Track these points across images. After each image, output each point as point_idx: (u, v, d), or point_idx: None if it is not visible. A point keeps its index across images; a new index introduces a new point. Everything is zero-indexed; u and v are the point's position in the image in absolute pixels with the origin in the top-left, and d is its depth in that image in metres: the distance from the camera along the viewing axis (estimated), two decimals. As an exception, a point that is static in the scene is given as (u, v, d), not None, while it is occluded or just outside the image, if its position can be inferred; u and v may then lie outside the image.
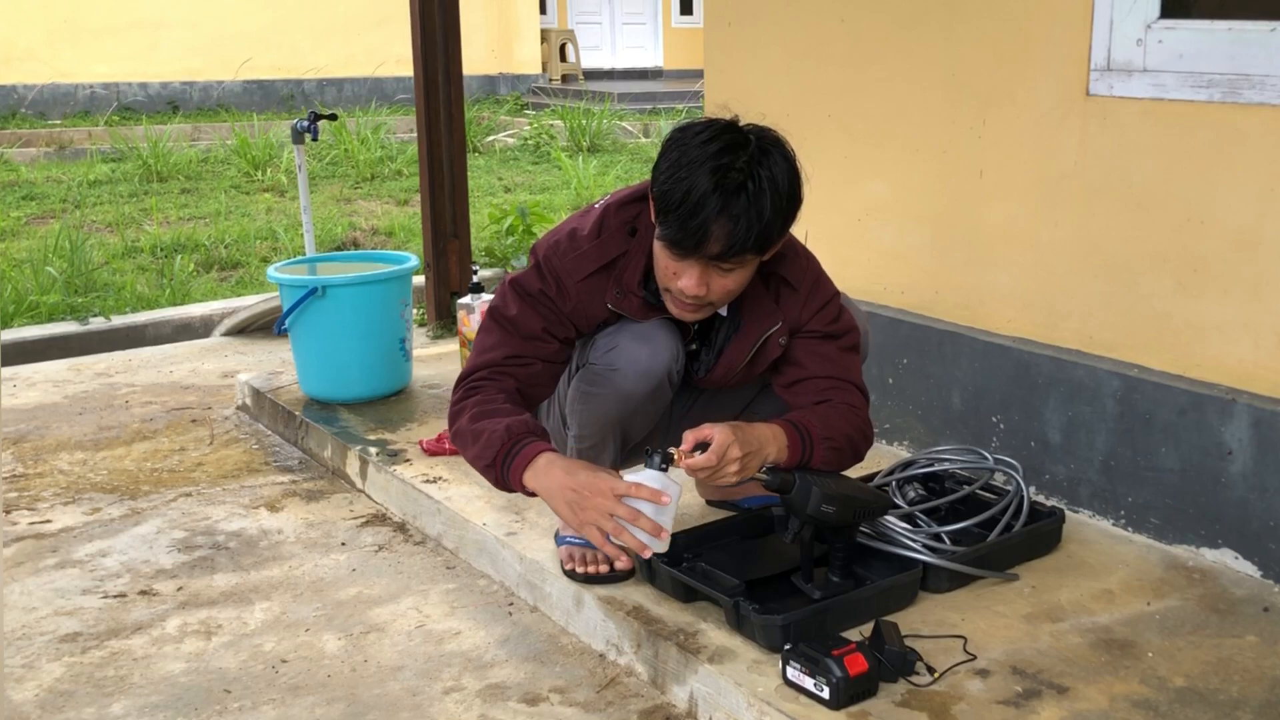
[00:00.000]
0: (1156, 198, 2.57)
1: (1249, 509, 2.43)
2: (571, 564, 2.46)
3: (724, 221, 2.01)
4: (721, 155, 2.02)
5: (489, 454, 2.17)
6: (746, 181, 2.02)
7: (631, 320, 2.27)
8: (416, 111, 4.53)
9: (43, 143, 11.45)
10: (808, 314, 2.32)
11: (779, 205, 2.05)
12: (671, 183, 2.04)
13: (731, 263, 2.08)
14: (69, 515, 3.12)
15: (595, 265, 2.24)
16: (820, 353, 2.33)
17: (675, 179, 2.03)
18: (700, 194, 2.00)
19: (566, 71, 17.02)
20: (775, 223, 2.06)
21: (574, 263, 2.25)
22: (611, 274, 2.25)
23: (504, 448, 2.16)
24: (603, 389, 2.28)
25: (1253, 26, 2.39)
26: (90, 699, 2.27)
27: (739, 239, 2.03)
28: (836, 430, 2.26)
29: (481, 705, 2.23)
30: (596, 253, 2.25)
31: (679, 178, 2.03)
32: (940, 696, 2.02)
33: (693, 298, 2.13)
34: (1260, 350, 2.44)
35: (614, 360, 2.25)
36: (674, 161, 2.05)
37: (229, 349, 4.77)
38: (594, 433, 2.35)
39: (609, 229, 2.26)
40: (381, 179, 9.73)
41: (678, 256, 2.09)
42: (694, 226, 2.02)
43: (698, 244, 2.04)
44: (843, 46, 3.25)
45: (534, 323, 2.27)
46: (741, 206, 2.01)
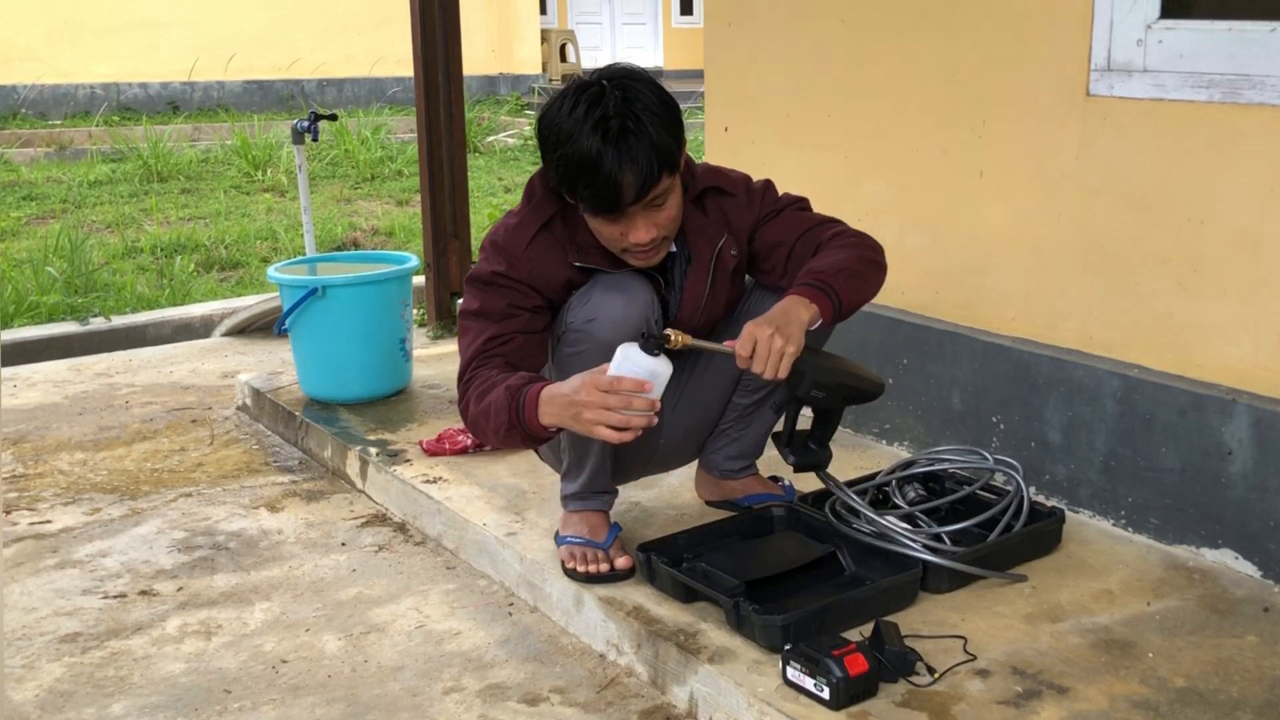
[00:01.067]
0: (1157, 198, 2.57)
1: (1249, 509, 2.43)
2: (572, 563, 2.46)
3: (627, 168, 2.09)
4: (589, 113, 2.10)
5: (503, 419, 2.17)
6: (626, 121, 2.10)
7: (600, 279, 2.30)
8: (417, 112, 4.53)
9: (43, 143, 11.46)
10: (756, 209, 2.40)
11: (664, 123, 2.13)
12: (564, 163, 2.12)
13: (658, 195, 2.16)
14: (69, 515, 3.12)
15: (534, 228, 2.30)
16: (783, 223, 2.40)
17: (565, 157, 2.12)
18: (593, 156, 2.08)
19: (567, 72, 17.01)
20: (668, 139, 2.14)
21: (514, 233, 2.31)
22: (555, 235, 2.29)
23: (511, 406, 2.16)
24: (583, 345, 2.27)
25: (1253, 26, 2.39)
26: (90, 699, 2.27)
27: (646, 174, 2.11)
28: (843, 260, 2.27)
29: (481, 705, 2.23)
30: (531, 217, 2.30)
31: (567, 154, 2.11)
32: (940, 697, 2.02)
33: (649, 244, 2.21)
34: (1260, 350, 2.44)
35: (590, 312, 2.27)
36: (555, 143, 2.13)
37: (229, 349, 4.77)
38: None
39: (537, 195, 2.33)
40: (381, 179, 9.73)
41: (611, 219, 2.17)
42: (603, 187, 2.10)
43: (617, 199, 2.12)
44: (843, 46, 3.25)
45: (498, 303, 2.31)
46: (634, 144, 2.09)
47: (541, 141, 2.18)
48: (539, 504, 2.84)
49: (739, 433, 2.65)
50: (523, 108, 14.81)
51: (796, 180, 3.37)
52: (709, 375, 2.54)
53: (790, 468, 2.37)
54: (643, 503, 2.82)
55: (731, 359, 2.20)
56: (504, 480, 3.01)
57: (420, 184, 4.65)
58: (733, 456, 2.68)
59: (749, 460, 2.71)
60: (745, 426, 2.64)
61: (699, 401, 2.57)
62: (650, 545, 2.43)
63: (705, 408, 2.60)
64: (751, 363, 2.13)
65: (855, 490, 2.55)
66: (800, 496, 2.68)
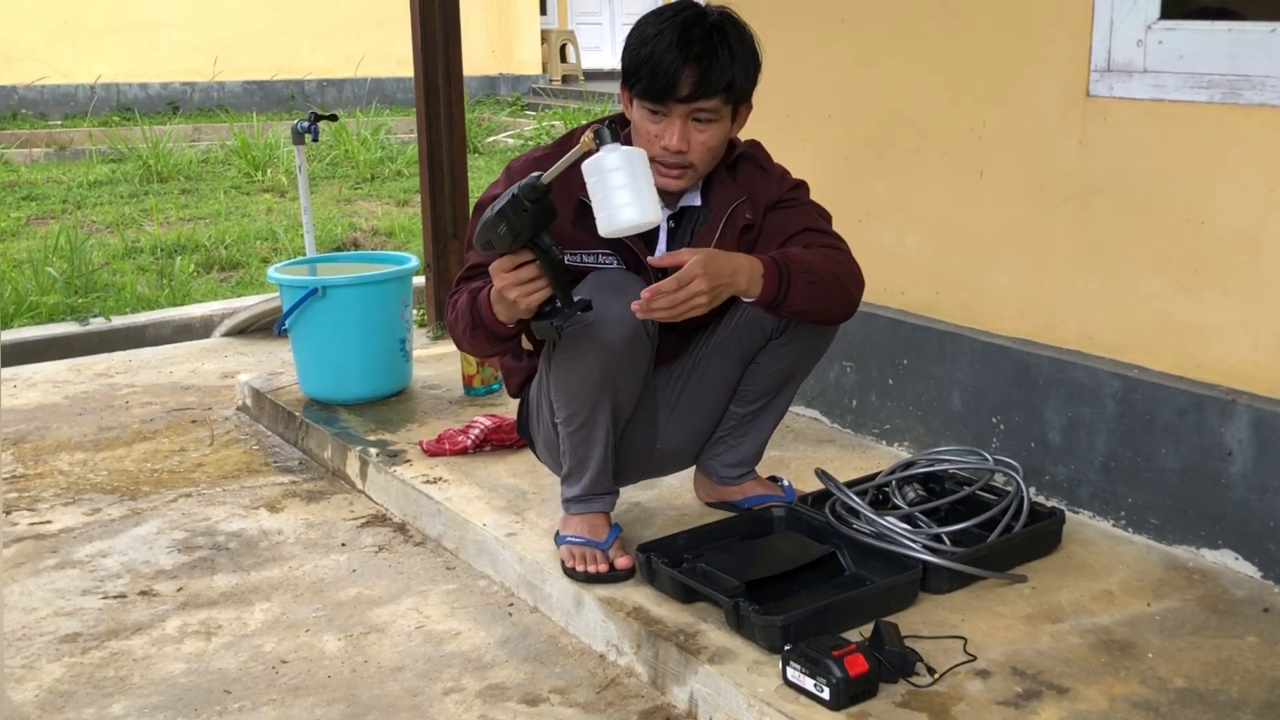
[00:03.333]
0: (1157, 198, 2.57)
1: (1249, 510, 2.43)
2: (572, 563, 2.46)
3: (691, 64, 2.20)
4: (683, 12, 2.25)
5: (467, 320, 2.30)
6: (711, 33, 2.22)
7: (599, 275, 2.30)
8: (417, 112, 4.53)
9: (43, 143, 11.45)
10: (781, 190, 2.46)
11: (742, 55, 2.26)
12: (639, 44, 2.24)
13: (706, 109, 2.24)
14: (69, 516, 3.12)
15: (546, 152, 2.34)
16: (798, 214, 2.45)
17: (642, 41, 2.24)
18: (667, 43, 2.20)
19: (567, 72, 17.02)
20: (738, 70, 2.25)
21: (527, 161, 2.36)
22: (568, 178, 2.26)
23: (472, 308, 2.28)
24: (581, 348, 2.27)
25: (1253, 27, 2.39)
26: (90, 699, 2.27)
27: (706, 78, 2.20)
28: (818, 267, 2.32)
29: (481, 706, 2.23)
30: (552, 150, 2.35)
31: (645, 39, 2.23)
32: (940, 697, 2.02)
33: (676, 153, 2.25)
34: (1260, 351, 2.44)
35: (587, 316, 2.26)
36: (640, 32, 2.26)
37: (229, 349, 4.77)
38: (582, 404, 2.34)
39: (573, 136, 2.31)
40: (382, 179, 9.73)
41: (654, 109, 2.25)
42: (664, 69, 2.19)
43: (669, 85, 2.20)
44: (843, 47, 3.25)
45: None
46: (707, 50, 2.21)
47: (628, 38, 2.28)
48: (539, 504, 2.84)
49: (736, 440, 2.65)
50: (523, 108, 14.81)
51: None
52: (707, 382, 2.54)
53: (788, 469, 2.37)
54: (643, 503, 2.82)
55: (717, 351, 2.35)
56: (504, 480, 3.01)
57: (420, 184, 4.65)
58: (730, 464, 2.68)
59: (748, 467, 2.71)
60: (743, 435, 2.64)
61: (696, 408, 2.57)
62: (650, 546, 2.43)
63: (702, 415, 2.59)
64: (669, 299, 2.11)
65: (855, 491, 2.55)
66: (800, 497, 2.68)
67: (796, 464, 2.99)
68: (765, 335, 2.48)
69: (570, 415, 2.37)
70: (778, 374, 2.54)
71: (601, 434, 2.39)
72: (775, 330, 2.46)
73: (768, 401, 2.58)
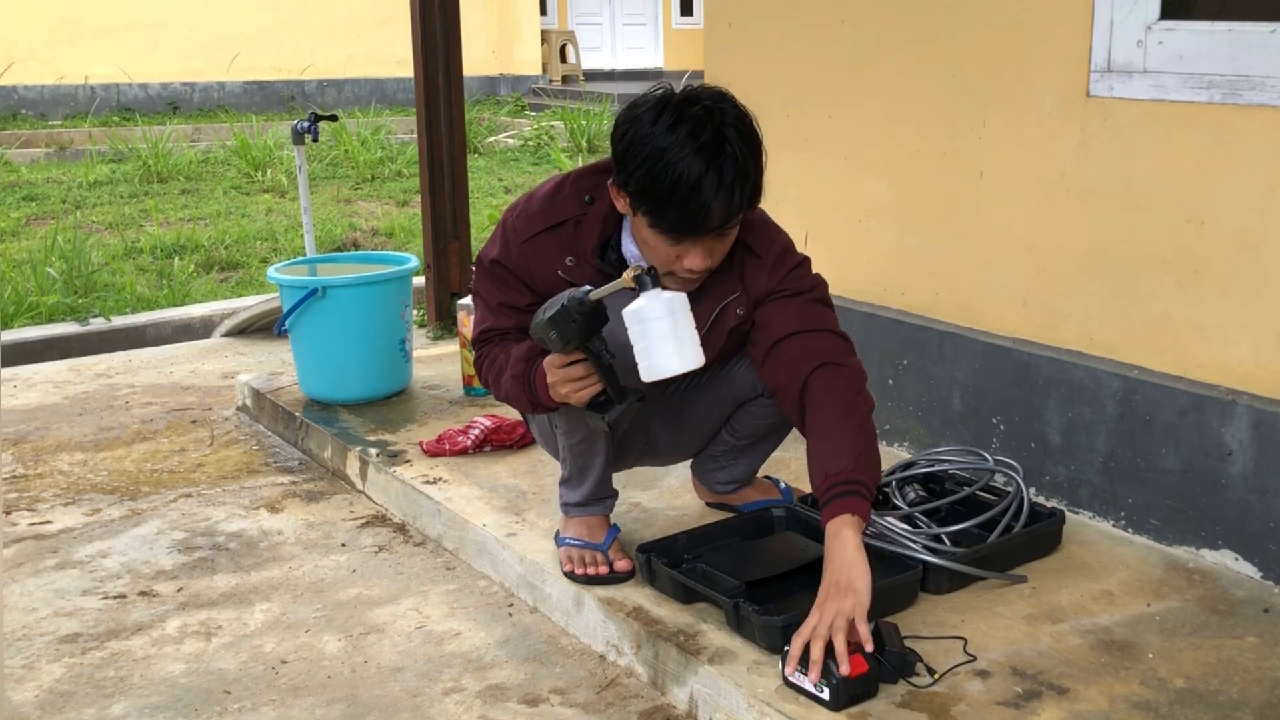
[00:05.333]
0: (1157, 199, 2.57)
1: (1249, 510, 2.43)
2: (571, 565, 2.46)
3: (722, 195, 2.04)
4: (693, 134, 2.03)
5: (524, 404, 2.31)
6: (725, 146, 2.04)
7: None
8: (417, 112, 4.53)
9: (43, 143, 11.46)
10: (774, 280, 2.30)
11: (756, 154, 2.10)
12: (653, 175, 2.03)
13: (731, 226, 2.13)
14: (69, 516, 3.12)
15: (541, 226, 2.27)
16: (786, 310, 2.29)
17: (657, 171, 2.03)
18: (694, 177, 2.01)
19: (567, 72, 17.03)
20: (758, 171, 2.11)
21: (522, 222, 2.28)
22: (560, 237, 2.26)
23: (526, 392, 2.26)
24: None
25: (1253, 28, 2.39)
26: (90, 700, 2.27)
27: (737, 204, 2.07)
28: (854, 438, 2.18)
29: (481, 706, 2.23)
30: (545, 215, 2.27)
31: (660, 169, 2.02)
32: (940, 698, 2.02)
33: (702, 271, 2.16)
34: (1260, 351, 2.44)
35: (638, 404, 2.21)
36: (647, 156, 2.04)
37: (229, 350, 4.77)
38: (581, 425, 2.34)
39: (564, 194, 2.28)
40: (381, 180, 9.73)
41: (678, 240, 2.11)
42: (696, 209, 2.04)
43: (701, 224, 2.07)
44: (843, 47, 3.25)
45: (493, 294, 2.33)
46: (733, 174, 2.04)
47: (626, 152, 2.07)
48: (539, 504, 2.84)
49: (730, 461, 2.66)
50: (523, 108, 14.81)
51: (797, 180, 3.38)
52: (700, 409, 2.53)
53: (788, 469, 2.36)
54: (643, 504, 2.82)
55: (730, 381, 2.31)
56: (504, 481, 3.01)
57: (420, 185, 4.65)
58: (723, 481, 2.70)
59: (742, 484, 2.72)
60: (736, 458, 2.65)
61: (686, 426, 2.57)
62: (650, 546, 2.43)
63: (693, 434, 2.60)
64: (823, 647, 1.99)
65: (855, 491, 2.55)
66: (799, 497, 2.68)
67: (796, 464, 2.99)
68: (757, 392, 2.48)
69: (569, 430, 2.38)
70: (766, 425, 2.56)
71: (602, 447, 2.40)
72: (766, 391, 2.45)
73: (757, 440, 2.61)
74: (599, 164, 2.29)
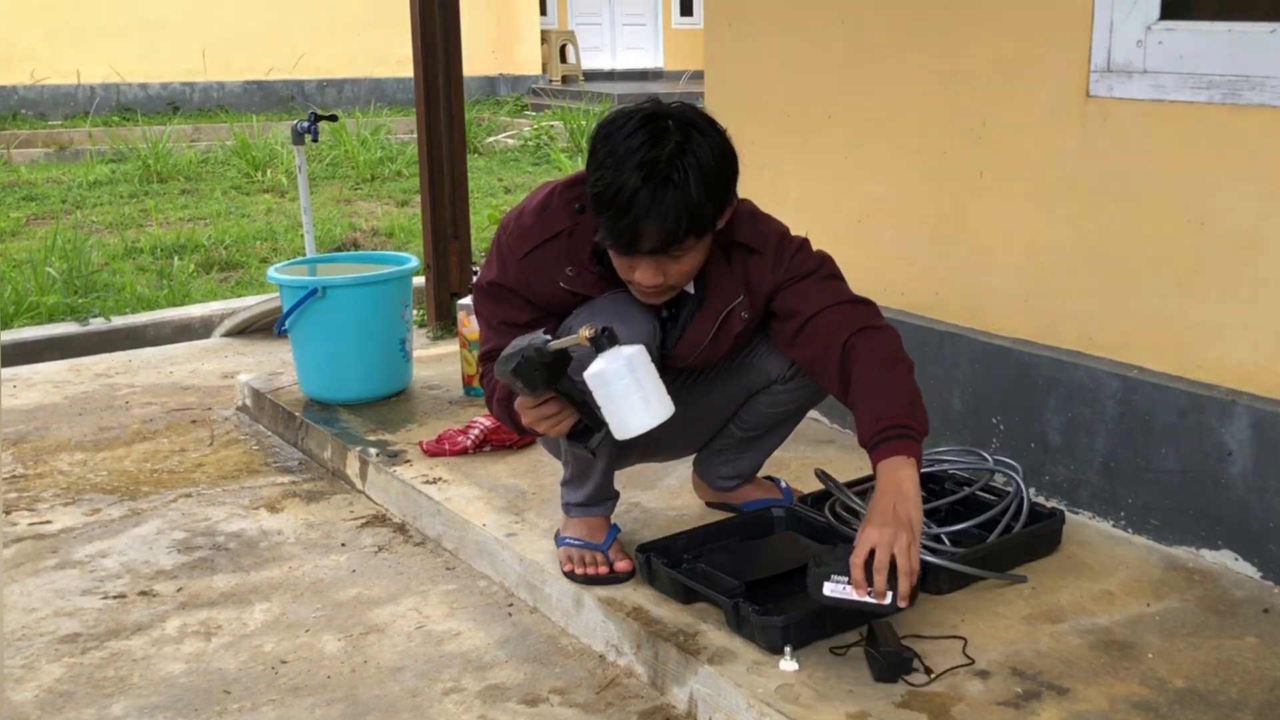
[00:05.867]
0: (1156, 199, 2.57)
1: (1249, 510, 2.43)
2: (570, 565, 2.46)
3: (654, 217, 2.00)
4: (646, 148, 2.00)
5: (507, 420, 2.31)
6: (671, 173, 1.99)
7: (601, 301, 2.26)
8: (417, 113, 4.54)
9: (43, 143, 11.46)
10: (781, 271, 2.29)
11: (708, 187, 2.03)
12: (601, 184, 2.03)
13: (678, 249, 2.08)
14: (69, 516, 3.12)
15: (535, 241, 2.25)
16: (804, 293, 2.28)
17: (603, 179, 2.03)
18: (629, 192, 1.99)
19: (567, 72, 17.02)
20: (706, 205, 2.04)
21: (516, 240, 2.27)
22: (556, 249, 2.25)
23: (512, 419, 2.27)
24: None
25: (1253, 28, 2.39)
26: (90, 699, 2.27)
27: (671, 230, 2.02)
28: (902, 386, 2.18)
29: (481, 706, 2.23)
30: (537, 229, 2.26)
31: (606, 178, 2.02)
32: (940, 697, 2.02)
33: (651, 288, 2.15)
34: (1260, 351, 2.44)
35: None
36: (602, 161, 2.04)
37: (229, 350, 4.77)
38: None
39: (553, 206, 2.27)
40: (381, 180, 9.73)
41: (620, 254, 2.11)
42: (625, 226, 2.02)
43: (632, 242, 2.04)
44: (843, 47, 3.25)
45: (494, 314, 2.32)
46: (670, 199, 1.99)
47: (590, 151, 2.09)
48: (539, 504, 2.84)
49: (735, 456, 2.65)
50: (522, 108, 14.81)
51: (797, 180, 3.38)
52: (708, 401, 2.53)
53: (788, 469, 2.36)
54: (643, 504, 2.82)
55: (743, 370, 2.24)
56: (504, 481, 3.01)
57: (420, 185, 4.65)
58: (726, 476, 2.69)
59: (744, 480, 2.71)
60: (741, 453, 2.65)
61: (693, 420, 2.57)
62: (650, 546, 2.43)
63: (700, 426, 2.59)
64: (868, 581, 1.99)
65: (855, 491, 2.56)
66: (800, 497, 2.68)
67: (796, 464, 2.99)
68: (770, 379, 2.48)
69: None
70: (778, 414, 2.55)
71: (603, 454, 2.39)
72: (781, 377, 2.46)
73: (765, 432, 2.60)
74: (583, 173, 2.27)
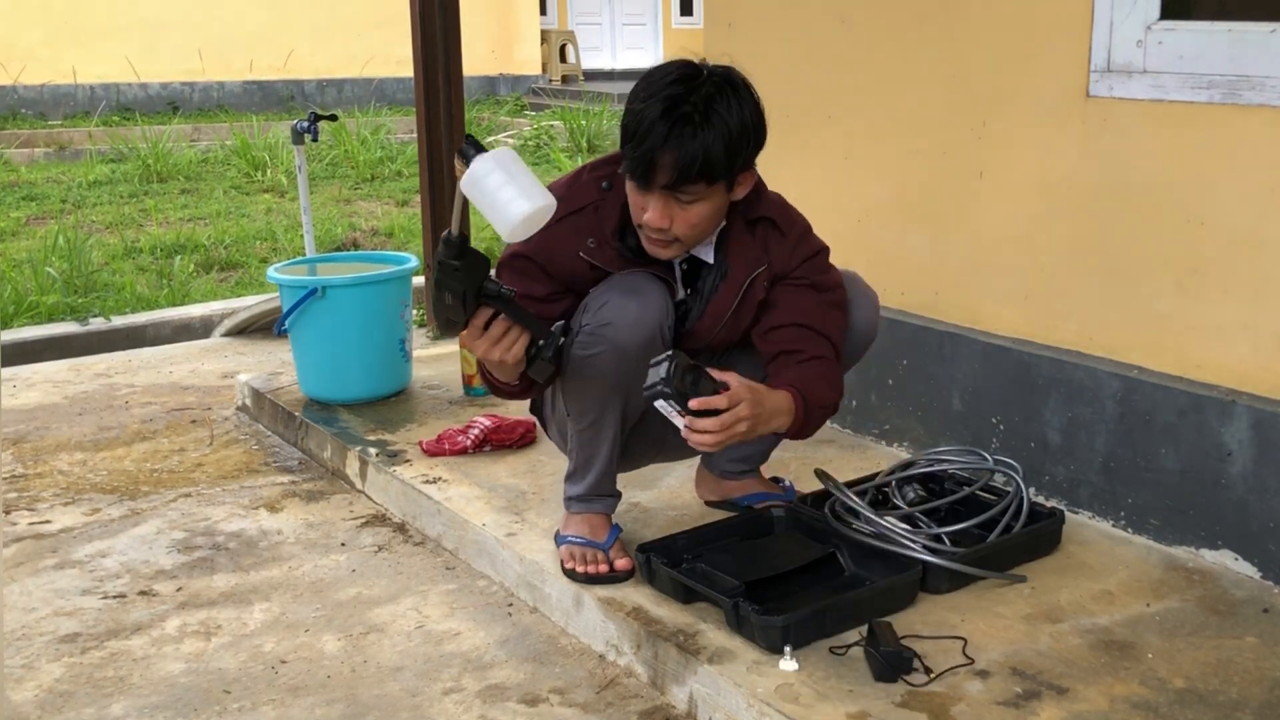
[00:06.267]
0: (1156, 199, 2.57)
1: (1249, 510, 2.43)
2: (571, 564, 2.46)
3: (669, 150, 2.10)
4: (677, 88, 2.12)
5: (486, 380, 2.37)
6: (694, 114, 2.10)
7: (616, 277, 2.29)
8: (416, 112, 4.53)
9: (43, 143, 11.46)
10: (795, 259, 2.38)
11: (728, 137, 2.13)
12: (629, 115, 2.16)
13: (687, 193, 2.16)
14: (69, 516, 3.12)
15: (563, 212, 2.27)
16: (799, 301, 2.38)
17: (632, 110, 2.15)
18: (649, 123, 2.10)
19: (566, 72, 17.02)
20: (721, 156, 2.13)
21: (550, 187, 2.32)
22: (581, 221, 2.31)
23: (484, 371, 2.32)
24: (597, 348, 2.27)
25: (1253, 28, 2.39)
26: (90, 699, 2.27)
27: (684, 167, 2.10)
28: (826, 399, 2.33)
29: (481, 706, 2.23)
30: (566, 201, 2.30)
31: (635, 108, 2.15)
32: (940, 697, 2.02)
33: (657, 230, 2.20)
34: (1260, 351, 2.44)
35: (605, 316, 2.25)
36: (635, 94, 2.17)
37: (229, 349, 4.77)
38: (593, 404, 2.34)
39: (581, 181, 2.35)
40: (381, 180, 9.73)
41: (639, 189, 2.19)
42: (642, 154, 2.12)
43: (647, 172, 2.13)
44: (843, 47, 3.25)
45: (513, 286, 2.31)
46: (687, 135, 2.09)
47: (631, 92, 2.20)
48: (538, 504, 2.84)
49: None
50: (522, 108, 14.81)
51: (797, 180, 3.38)
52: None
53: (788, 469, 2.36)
54: (643, 503, 2.82)
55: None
56: (504, 480, 3.01)
57: (420, 184, 4.65)
58: (736, 459, 2.69)
59: (753, 464, 2.71)
60: None
61: None
62: (650, 546, 2.43)
63: None
64: (715, 422, 2.11)
65: (855, 491, 2.56)
66: (800, 497, 2.68)
67: (796, 464, 2.99)
68: None
69: (581, 413, 2.37)
70: None
71: (609, 435, 2.39)
72: None
73: None
74: (615, 154, 2.34)
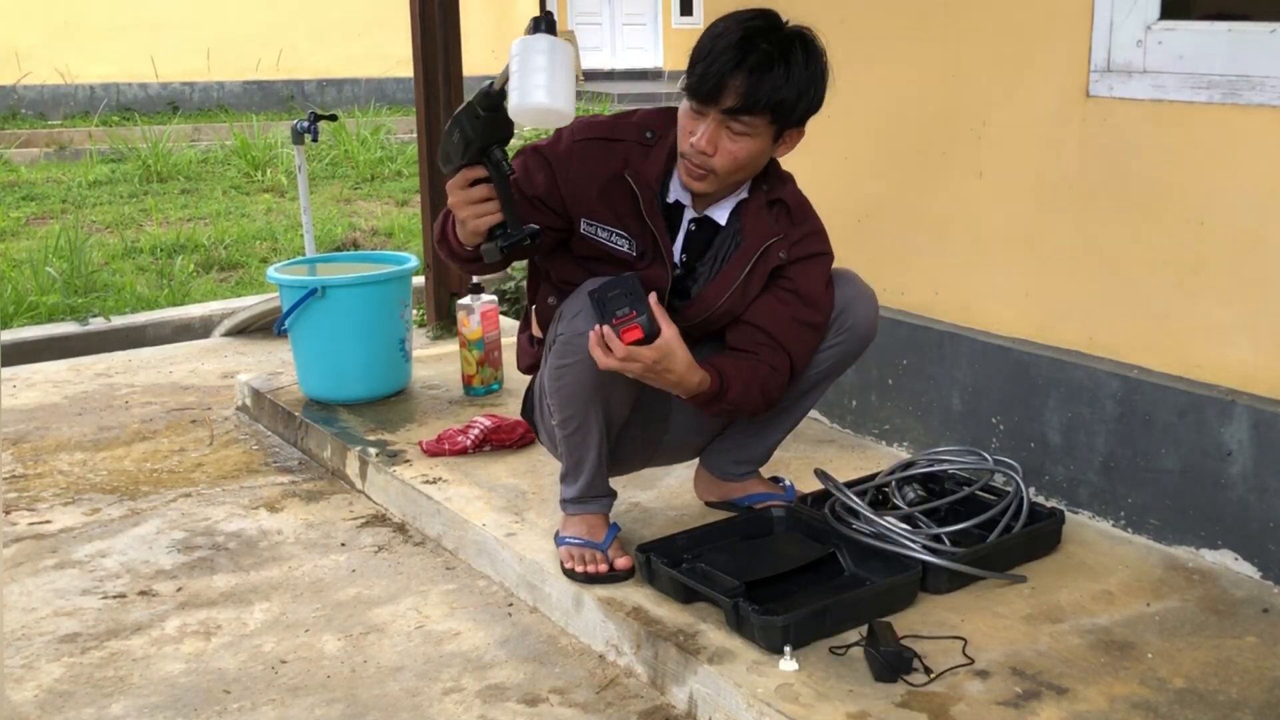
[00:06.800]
0: (1156, 199, 2.57)
1: (1249, 510, 2.43)
2: (571, 564, 2.46)
3: (741, 74, 2.13)
4: (759, 21, 2.18)
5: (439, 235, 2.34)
6: (772, 51, 2.15)
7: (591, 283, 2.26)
8: (416, 112, 4.53)
9: (43, 143, 11.45)
10: (792, 252, 2.39)
11: (798, 79, 2.18)
12: (704, 40, 2.19)
13: (743, 123, 2.18)
14: (69, 516, 3.12)
15: (601, 134, 2.34)
16: (775, 309, 2.39)
17: (711, 32, 2.19)
18: (725, 45, 2.14)
19: (566, 72, 16.99)
20: (790, 93, 2.17)
21: (583, 126, 2.36)
22: (613, 151, 2.33)
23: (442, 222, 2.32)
24: (571, 358, 2.27)
25: (1253, 28, 2.39)
26: (90, 699, 2.27)
27: (749, 94, 2.14)
28: (746, 403, 2.34)
29: (481, 706, 2.23)
30: (607, 127, 2.36)
31: (715, 30, 2.18)
32: (940, 697, 2.02)
33: (699, 155, 2.21)
34: (1260, 351, 2.44)
35: (579, 325, 2.24)
36: (712, 28, 2.20)
37: (229, 349, 4.77)
38: (576, 410, 2.34)
39: (630, 120, 2.38)
40: (381, 180, 9.73)
41: (696, 109, 2.20)
42: (714, 73, 2.14)
43: (714, 90, 2.15)
44: (843, 47, 3.23)
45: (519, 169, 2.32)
46: (761, 64, 2.13)
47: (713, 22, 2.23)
48: (538, 504, 2.84)
49: (747, 439, 2.65)
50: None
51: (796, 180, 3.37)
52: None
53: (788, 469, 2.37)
54: (642, 503, 2.82)
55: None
56: (504, 480, 3.01)
57: (420, 184, 4.65)
58: (737, 460, 2.69)
59: (753, 466, 2.71)
60: (754, 435, 2.64)
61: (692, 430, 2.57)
62: (650, 546, 2.43)
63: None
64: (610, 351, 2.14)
65: (855, 491, 2.56)
66: (800, 497, 2.68)
67: (796, 464, 2.99)
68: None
69: (565, 419, 2.37)
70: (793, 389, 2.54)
71: (595, 439, 2.39)
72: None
73: (777, 413, 2.59)
74: (665, 108, 2.38)
